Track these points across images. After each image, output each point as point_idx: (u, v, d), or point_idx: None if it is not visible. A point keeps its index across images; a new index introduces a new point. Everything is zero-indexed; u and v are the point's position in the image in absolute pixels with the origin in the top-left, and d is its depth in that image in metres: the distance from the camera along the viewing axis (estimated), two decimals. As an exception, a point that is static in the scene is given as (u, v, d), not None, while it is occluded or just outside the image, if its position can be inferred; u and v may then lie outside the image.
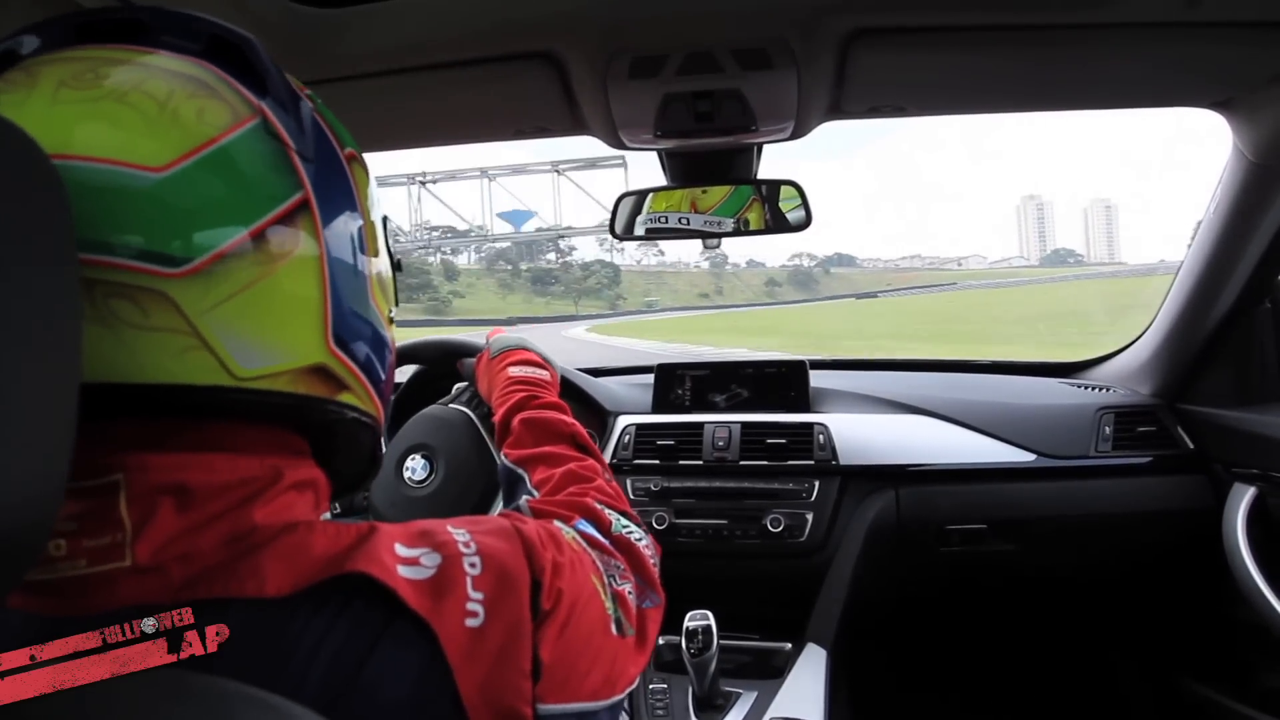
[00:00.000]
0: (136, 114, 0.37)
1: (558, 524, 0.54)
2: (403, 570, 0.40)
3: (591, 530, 0.58)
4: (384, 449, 0.55)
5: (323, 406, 0.44)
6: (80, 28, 0.42)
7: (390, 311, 0.52)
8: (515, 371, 0.88)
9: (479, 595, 0.42)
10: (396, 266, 0.56)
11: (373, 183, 0.52)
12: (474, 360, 1.00)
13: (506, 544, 0.46)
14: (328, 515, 0.47)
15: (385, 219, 0.53)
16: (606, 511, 0.61)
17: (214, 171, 0.38)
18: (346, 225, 0.45)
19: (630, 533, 0.61)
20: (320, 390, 0.43)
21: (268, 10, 0.77)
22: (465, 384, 1.11)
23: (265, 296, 0.39)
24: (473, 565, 0.43)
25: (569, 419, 0.77)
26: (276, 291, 0.40)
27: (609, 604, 0.52)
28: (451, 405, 1.09)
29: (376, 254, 0.49)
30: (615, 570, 0.56)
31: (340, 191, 0.45)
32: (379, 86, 0.96)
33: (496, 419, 0.81)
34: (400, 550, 0.42)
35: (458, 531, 0.45)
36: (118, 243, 0.35)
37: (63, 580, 0.36)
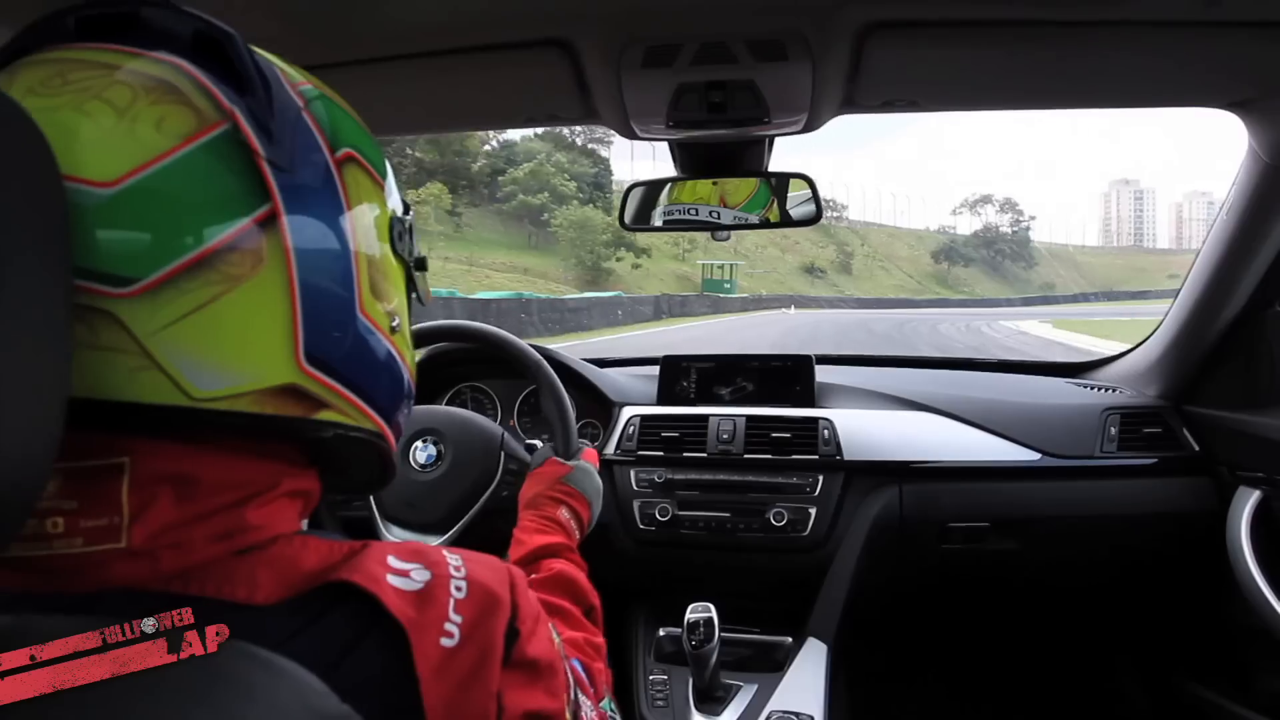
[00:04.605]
0: (92, 124, 0.36)
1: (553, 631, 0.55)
2: (392, 579, 0.41)
3: (584, 678, 0.60)
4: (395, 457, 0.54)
5: (296, 425, 0.42)
6: (80, 23, 0.41)
7: (394, 322, 0.48)
8: (565, 516, 0.90)
9: (458, 619, 0.42)
10: (419, 265, 0.53)
11: (388, 179, 0.49)
12: (544, 461, 0.99)
13: (495, 575, 0.47)
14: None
15: (395, 219, 0.49)
16: (604, 687, 0.64)
17: (167, 187, 0.36)
18: (327, 236, 0.42)
19: (614, 717, 0.65)
20: (293, 410, 0.41)
21: None
22: (518, 462, 1.09)
23: (222, 317, 0.37)
24: (459, 589, 0.44)
25: (594, 593, 0.79)
26: (235, 311, 0.38)
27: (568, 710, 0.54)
28: (500, 446, 1.09)
29: (374, 259, 0.46)
30: (585, 709, 0.57)
31: (322, 200, 0.42)
32: (389, 71, 0.96)
33: (527, 542, 0.83)
34: (393, 562, 0.43)
35: (451, 556, 0.46)
36: None
37: (55, 557, 0.36)
